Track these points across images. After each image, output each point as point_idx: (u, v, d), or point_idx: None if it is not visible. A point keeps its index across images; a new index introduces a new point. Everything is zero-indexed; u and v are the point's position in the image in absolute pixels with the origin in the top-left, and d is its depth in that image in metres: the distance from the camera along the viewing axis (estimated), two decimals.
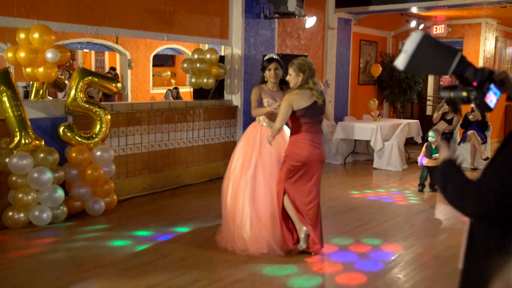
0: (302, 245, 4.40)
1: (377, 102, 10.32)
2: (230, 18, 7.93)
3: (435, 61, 1.71)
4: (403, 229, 5.46)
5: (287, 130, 4.68)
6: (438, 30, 11.52)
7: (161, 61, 17.51)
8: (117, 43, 13.57)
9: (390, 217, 5.94)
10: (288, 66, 4.34)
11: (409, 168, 9.10)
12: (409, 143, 10.38)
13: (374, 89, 12.04)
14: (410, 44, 1.69)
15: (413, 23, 11.10)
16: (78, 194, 5.56)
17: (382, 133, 9.04)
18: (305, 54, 8.85)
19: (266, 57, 4.83)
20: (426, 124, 11.23)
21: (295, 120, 4.34)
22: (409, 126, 9.70)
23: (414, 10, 9.55)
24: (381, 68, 11.42)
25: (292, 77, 4.31)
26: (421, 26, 11.31)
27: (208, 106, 7.68)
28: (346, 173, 8.89)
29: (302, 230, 4.38)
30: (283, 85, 4.75)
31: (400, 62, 1.72)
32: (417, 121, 10.26)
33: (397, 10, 9.66)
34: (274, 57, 4.76)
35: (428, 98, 13.11)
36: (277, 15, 8.22)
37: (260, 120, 4.81)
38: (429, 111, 12.92)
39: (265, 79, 4.76)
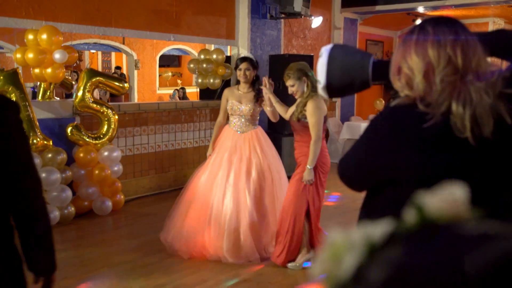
0: (299, 266, 4.12)
1: (383, 102, 10.31)
2: (236, 18, 7.95)
3: (352, 77, 1.54)
4: None
5: (263, 133, 4.59)
6: None
7: (167, 61, 17.56)
8: (123, 43, 13.63)
9: None
10: (285, 79, 3.96)
11: None
12: None
13: (380, 89, 12.02)
14: (320, 72, 1.54)
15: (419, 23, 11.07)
16: (86, 194, 5.60)
17: None
18: (311, 54, 8.85)
19: (240, 56, 4.66)
20: None
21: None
22: None
23: (420, 9, 9.53)
24: None
25: (296, 87, 3.94)
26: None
27: (215, 106, 7.69)
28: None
29: (310, 254, 4.14)
30: (254, 86, 4.49)
31: (322, 92, 1.59)
32: None
33: (403, 9, 9.65)
34: (247, 56, 4.59)
35: None
36: (283, 15, 8.23)
37: (232, 125, 4.53)
38: None
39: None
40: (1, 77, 5.07)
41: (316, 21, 8.96)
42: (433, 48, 1.34)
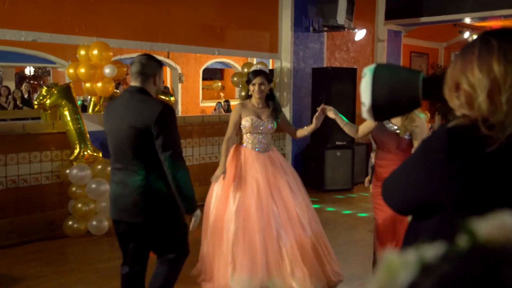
0: None
1: (429, 114, 10.11)
2: (279, 32, 8.02)
3: (400, 96, 1.44)
4: None
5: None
6: None
7: (210, 75, 17.84)
8: (168, 57, 13.94)
9: None
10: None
11: None
12: None
13: (425, 102, 11.79)
14: (364, 93, 1.43)
15: (466, 34, 10.85)
16: None
17: None
18: (355, 67, 8.81)
19: (252, 69, 4.35)
20: None
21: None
22: None
23: (467, 20, 9.35)
24: None
25: None
26: (475, 37, 11.02)
27: None
28: None
29: None
30: (270, 101, 4.12)
31: (366, 115, 1.47)
32: None
33: (449, 21, 9.49)
34: (261, 69, 4.23)
35: None
36: (326, 28, 8.24)
37: (244, 142, 4.16)
38: None
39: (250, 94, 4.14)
40: (55, 91, 5.30)
41: (360, 34, 8.93)
42: (499, 64, 1.20)
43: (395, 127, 3.52)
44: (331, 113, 3.65)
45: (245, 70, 7.74)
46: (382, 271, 0.54)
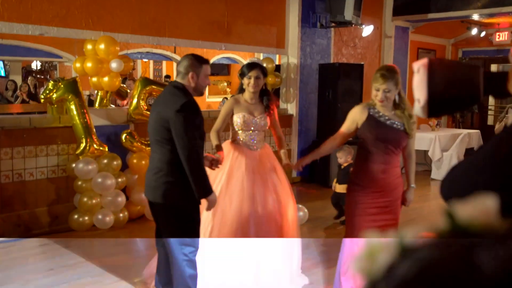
0: None
1: None
2: (286, 27, 7.99)
3: (458, 93, 1.39)
4: None
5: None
6: (501, 37, 11.13)
7: (217, 70, 17.81)
8: (175, 52, 13.93)
9: None
10: (377, 81, 3.22)
11: None
12: (469, 154, 10.02)
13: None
14: (419, 89, 1.38)
15: (474, 31, 10.77)
16: (138, 199, 5.75)
17: (440, 143, 8.80)
18: (362, 63, 8.78)
19: (247, 62, 4.11)
20: (487, 134, 10.83)
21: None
22: (470, 136, 9.40)
23: (475, 17, 9.27)
24: None
25: (391, 93, 3.25)
26: (483, 34, 10.95)
27: None
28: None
29: None
30: (264, 96, 3.93)
31: (420, 112, 1.42)
32: (478, 131, 9.93)
33: (457, 17, 9.41)
34: (256, 62, 4.00)
35: (489, 107, 12.65)
36: (333, 24, 8.21)
37: (235, 139, 3.95)
38: (490, 121, 12.46)
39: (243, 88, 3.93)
40: (62, 86, 5.31)
41: (367, 30, 8.88)
42: None
43: (398, 124, 3.26)
44: (304, 163, 3.65)
45: None
46: (364, 253, 0.56)
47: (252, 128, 3.87)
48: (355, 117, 3.36)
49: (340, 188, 5.52)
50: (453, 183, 1.37)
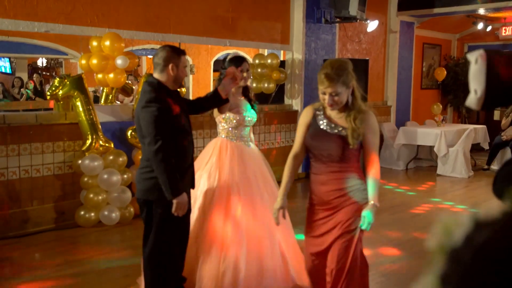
0: None
1: (441, 106, 10.03)
2: (291, 23, 7.98)
3: None
4: None
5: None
6: (507, 31, 11.06)
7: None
8: None
9: None
10: (323, 83, 2.79)
11: (475, 175, 8.78)
12: (475, 149, 10.00)
13: (438, 94, 11.71)
14: (476, 80, 1.34)
15: (480, 25, 10.71)
16: None
17: (446, 138, 8.78)
18: (367, 58, 8.76)
19: (230, 57, 4.01)
20: (494, 130, 10.79)
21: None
22: (476, 131, 9.36)
23: (481, 11, 9.23)
24: (445, 72, 11.08)
25: (341, 96, 2.80)
26: (489, 28, 10.89)
27: (269, 111, 7.75)
28: (408, 179, 8.70)
29: None
30: (246, 92, 3.89)
31: (474, 104, 1.38)
32: (484, 126, 9.89)
33: (463, 12, 9.38)
34: (241, 56, 3.83)
35: None
36: (338, 20, 8.19)
37: (220, 131, 3.86)
38: (496, 116, 12.40)
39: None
40: (68, 82, 5.33)
41: (372, 25, 8.86)
42: None
43: (344, 130, 2.77)
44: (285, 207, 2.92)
45: (257, 61, 7.73)
46: (439, 230, 0.60)
47: (237, 124, 3.85)
48: (303, 120, 2.97)
49: None
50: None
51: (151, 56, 15.44)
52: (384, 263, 4.46)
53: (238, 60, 3.82)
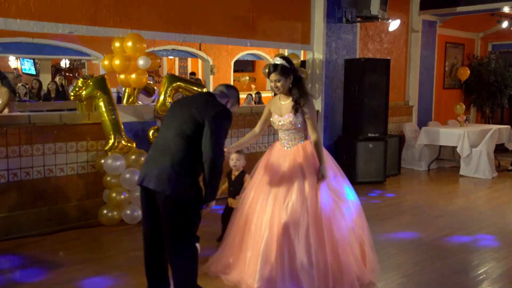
0: None
1: (464, 106, 9.89)
2: (311, 23, 7.95)
3: None
4: (495, 239, 5.19)
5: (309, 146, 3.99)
6: None
7: (242, 66, 17.85)
8: (200, 49, 14.03)
9: (479, 226, 5.67)
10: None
11: (499, 176, 8.63)
12: (499, 150, 9.83)
13: (460, 93, 11.55)
14: None
15: (504, 24, 10.53)
16: None
17: (469, 138, 8.65)
18: (388, 57, 8.68)
19: (271, 63, 4.06)
20: None
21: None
22: (500, 131, 9.21)
23: (506, 9, 9.07)
24: (469, 72, 10.92)
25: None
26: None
27: None
28: (430, 180, 8.59)
29: None
30: (293, 95, 3.92)
31: None
32: (509, 126, 9.72)
33: (487, 10, 9.23)
34: (276, 63, 3.83)
35: None
36: (359, 19, 8.14)
37: (280, 140, 4.11)
38: None
39: None
40: (91, 83, 5.40)
41: (394, 24, 8.78)
42: None
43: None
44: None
45: None
46: None
47: (279, 128, 4.08)
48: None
49: (236, 203, 4.77)
50: None
51: (171, 57, 15.57)
52: (405, 265, 4.42)
53: (267, 68, 3.94)
